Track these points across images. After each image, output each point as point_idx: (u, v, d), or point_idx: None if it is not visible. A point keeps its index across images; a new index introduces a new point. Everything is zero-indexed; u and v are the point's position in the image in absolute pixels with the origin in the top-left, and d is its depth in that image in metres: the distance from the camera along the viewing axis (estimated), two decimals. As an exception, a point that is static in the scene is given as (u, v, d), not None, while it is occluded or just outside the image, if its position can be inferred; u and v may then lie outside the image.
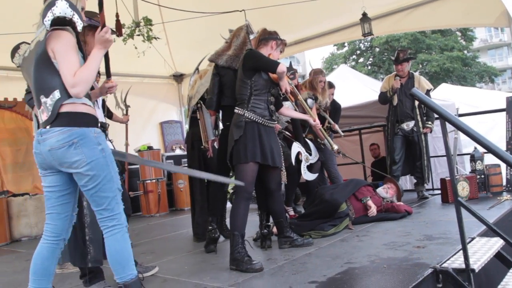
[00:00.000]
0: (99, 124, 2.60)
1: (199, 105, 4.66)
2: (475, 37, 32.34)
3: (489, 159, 6.08)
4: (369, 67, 30.20)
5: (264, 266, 3.45)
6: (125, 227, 2.52)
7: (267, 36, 4.04)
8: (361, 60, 30.84)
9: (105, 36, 2.49)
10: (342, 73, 10.51)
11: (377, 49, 29.88)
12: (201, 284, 3.22)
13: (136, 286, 2.50)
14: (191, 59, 6.42)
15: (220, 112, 4.54)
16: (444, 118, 2.91)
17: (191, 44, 8.40)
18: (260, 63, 3.77)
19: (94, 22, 3.20)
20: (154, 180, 8.14)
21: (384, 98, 6.40)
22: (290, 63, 5.36)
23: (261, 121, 3.77)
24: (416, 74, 6.43)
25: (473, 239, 3.58)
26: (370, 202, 4.96)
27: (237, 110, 3.81)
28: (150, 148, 8.35)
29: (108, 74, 3.23)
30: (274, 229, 4.35)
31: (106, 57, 3.15)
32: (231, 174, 4.09)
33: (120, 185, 2.55)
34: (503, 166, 5.97)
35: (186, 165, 5.77)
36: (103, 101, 3.85)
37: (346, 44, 30.81)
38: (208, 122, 4.48)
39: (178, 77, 10.36)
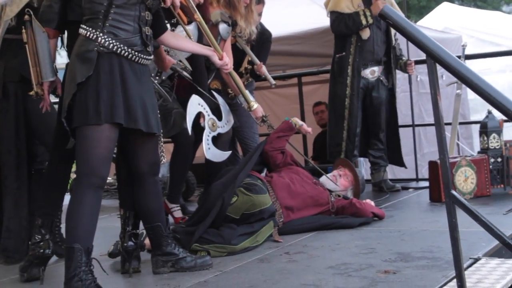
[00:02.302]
0: None
1: (26, 17, 4.50)
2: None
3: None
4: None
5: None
6: None
7: None
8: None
9: None
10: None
11: None
12: None
13: None
14: None
15: (66, 32, 4.49)
16: (434, 57, 3.02)
17: None
18: None
19: None
20: None
21: (356, 24, 6.46)
22: None
23: (126, 54, 3.73)
24: None
25: (476, 260, 3.77)
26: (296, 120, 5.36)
27: (84, 30, 3.73)
28: None
29: None
30: (147, 241, 4.40)
31: None
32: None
33: None
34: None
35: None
36: None
37: None
38: (44, 49, 4.32)
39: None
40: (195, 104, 4.92)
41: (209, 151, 4.98)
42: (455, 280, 3.25)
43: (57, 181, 4.36)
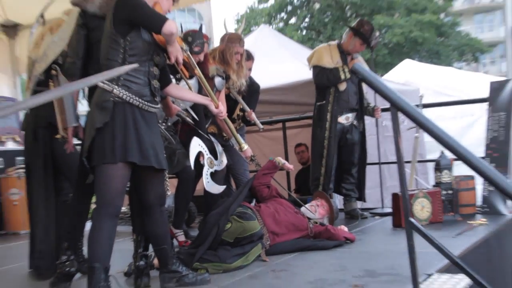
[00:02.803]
0: None
1: (53, 72, 4.57)
2: (455, -4, 33.81)
3: (461, 168, 6.57)
4: (304, 32, 30.72)
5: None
6: None
7: None
8: (292, 20, 31.24)
9: None
10: (262, 37, 10.67)
11: (317, 6, 30.39)
12: None
13: None
14: (31, 3, 6.26)
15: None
16: (396, 107, 3.12)
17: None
18: (139, 15, 3.72)
19: None
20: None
21: (336, 78, 6.65)
22: (201, 26, 5.48)
23: (138, 103, 3.76)
24: (359, 56, 6.91)
25: (430, 275, 3.86)
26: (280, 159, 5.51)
27: (102, 83, 3.73)
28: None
29: None
30: (155, 261, 4.43)
31: None
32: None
33: None
34: (479, 179, 6.40)
35: (24, 166, 5.62)
36: None
37: (271, -3, 31.15)
38: (69, 99, 4.40)
39: (11, 29, 9.98)
40: (196, 145, 4.99)
41: (208, 184, 5.05)
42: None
43: (80, 211, 4.42)
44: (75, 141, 4.63)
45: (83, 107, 4.68)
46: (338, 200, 7.58)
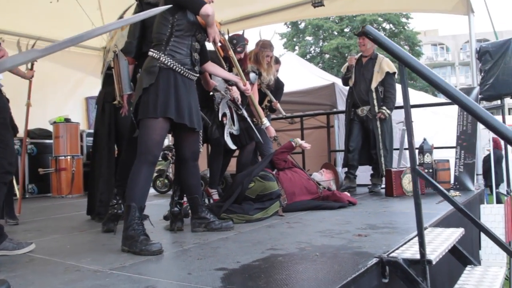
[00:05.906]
0: None
1: (115, 51, 3.80)
2: (422, 53, 33.01)
3: (438, 153, 5.62)
4: (318, 72, 30.22)
5: (166, 249, 2.72)
6: None
7: None
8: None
9: None
10: (288, 59, 9.88)
11: (327, 56, 29.85)
12: (74, 266, 2.43)
13: None
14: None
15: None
16: (403, 62, 2.22)
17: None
18: None
19: None
20: (68, 157, 7.10)
21: (343, 77, 5.78)
22: (243, 32, 4.72)
23: (179, 70, 3.04)
24: (381, 56, 5.65)
25: (425, 228, 2.98)
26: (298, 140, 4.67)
27: (151, 52, 3.06)
28: (67, 120, 7.29)
29: None
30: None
31: None
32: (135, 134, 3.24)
33: None
34: (452, 162, 5.48)
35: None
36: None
37: (296, 48, 30.67)
38: (125, 72, 3.64)
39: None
40: (225, 108, 4.34)
41: (227, 138, 4.30)
42: (409, 242, 2.61)
43: (128, 162, 3.51)
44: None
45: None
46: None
